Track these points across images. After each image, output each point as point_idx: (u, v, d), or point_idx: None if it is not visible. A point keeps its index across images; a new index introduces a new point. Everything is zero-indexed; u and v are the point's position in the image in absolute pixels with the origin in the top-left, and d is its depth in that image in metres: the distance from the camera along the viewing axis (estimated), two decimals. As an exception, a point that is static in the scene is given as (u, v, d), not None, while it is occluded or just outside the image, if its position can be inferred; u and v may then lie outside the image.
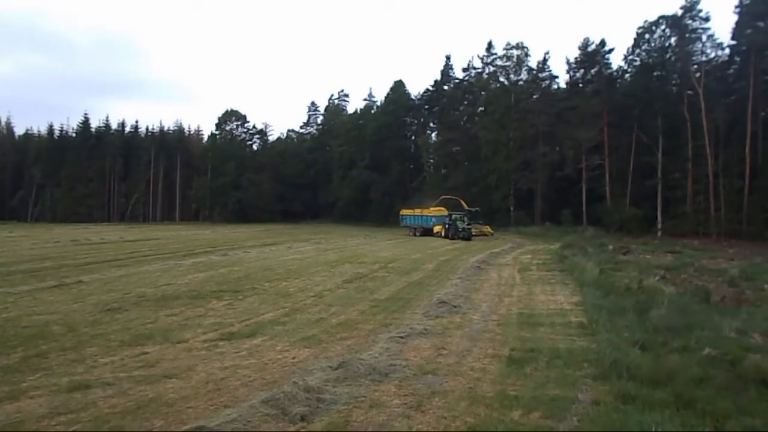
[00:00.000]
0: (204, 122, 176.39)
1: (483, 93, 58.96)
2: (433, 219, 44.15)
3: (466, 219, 41.18)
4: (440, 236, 41.47)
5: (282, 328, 10.25)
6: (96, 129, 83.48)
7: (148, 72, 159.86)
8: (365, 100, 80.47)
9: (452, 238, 39.07)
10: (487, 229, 45.65)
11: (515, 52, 56.77)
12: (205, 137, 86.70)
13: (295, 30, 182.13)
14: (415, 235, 45.45)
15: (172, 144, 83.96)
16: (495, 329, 10.33)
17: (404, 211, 50.34)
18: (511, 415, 5.94)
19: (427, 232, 44.34)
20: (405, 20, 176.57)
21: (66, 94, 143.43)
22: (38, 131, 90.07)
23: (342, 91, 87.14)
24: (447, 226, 41.14)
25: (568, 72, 57.81)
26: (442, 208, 45.11)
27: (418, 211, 47.82)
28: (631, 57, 51.06)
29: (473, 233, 42.60)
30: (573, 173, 51.54)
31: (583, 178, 50.97)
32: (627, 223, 46.28)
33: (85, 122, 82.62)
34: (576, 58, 56.03)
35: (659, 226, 46.00)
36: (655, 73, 48.89)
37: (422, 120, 70.97)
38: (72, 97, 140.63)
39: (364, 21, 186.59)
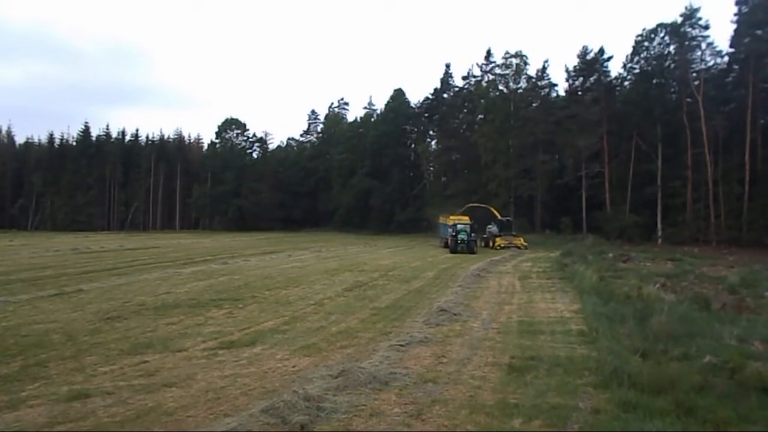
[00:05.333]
0: (204, 130, 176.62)
1: (482, 101, 59.20)
2: (450, 229, 38.31)
3: (470, 230, 36.45)
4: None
5: (282, 336, 10.23)
6: (96, 137, 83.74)
7: (149, 80, 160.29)
8: (365, 108, 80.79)
9: (452, 252, 34.69)
10: (520, 241, 40.78)
11: (514, 61, 57.08)
12: (205, 145, 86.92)
13: (295, 38, 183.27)
14: (440, 245, 40.69)
15: (172, 152, 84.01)
16: (495, 337, 10.32)
17: (441, 219, 44.28)
18: (511, 423, 5.92)
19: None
20: (405, 29, 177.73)
21: (67, 102, 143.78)
22: (38, 139, 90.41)
23: (342, 99, 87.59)
24: (450, 237, 36.38)
25: (567, 80, 58.41)
26: (465, 217, 40.02)
27: (447, 220, 41.57)
28: (630, 65, 51.42)
29: (502, 245, 39.48)
30: (573, 181, 51.67)
31: (582, 185, 51.08)
32: (627, 231, 46.28)
33: (86, 130, 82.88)
34: (575, 66, 56.52)
35: (659, 233, 46.00)
36: (654, 81, 49.12)
37: (422, 128, 71.16)
38: (72, 105, 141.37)
39: (364, 29, 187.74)
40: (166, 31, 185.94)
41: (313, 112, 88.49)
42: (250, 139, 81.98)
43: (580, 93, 55.85)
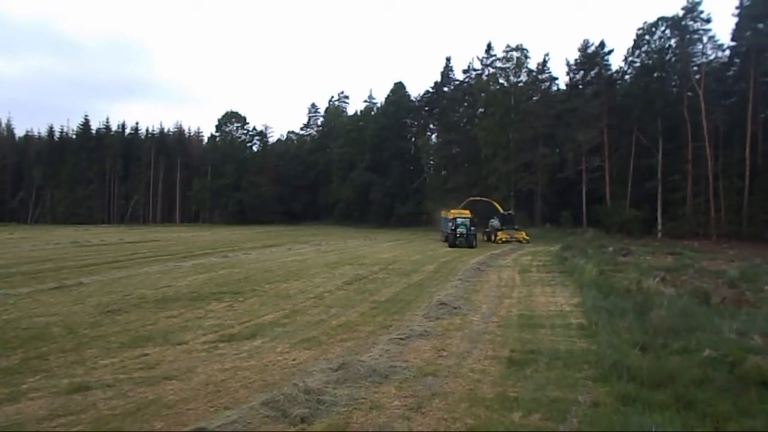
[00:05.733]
0: (204, 124, 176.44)
1: (483, 94, 58.96)
2: (450, 222, 37.17)
3: (469, 224, 35.41)
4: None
5: (282, 329, 10.24)
6: (96, 130, 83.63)
7: (150, 75, 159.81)
8: (365, 101, 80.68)
9: (451, 246, 34.01)
10: (522, 235, 40.38)
11: (515, 54, 56.85)
12: (205, 139, 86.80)
13: (295, 32, 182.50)
14: (441, 239, 39.46)
15: (172, 145, 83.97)
16: (495, 331, 10.33)
17: (443, 213, 42.51)
18: (511, 416, 5.93)
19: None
20: (405, 22, 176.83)
21: (67, 96, 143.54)
22: (38, 133, 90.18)
23: (342, 92, 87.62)
24: (450, 231, 35.57)
25: (567, 74, 58.26)
26: (465, 211, 39.20)
27: (448, 213, 39.85)
28: (631, 58, 51.23)
29: (504, 239, 39.27)
30: (573, 175, 51.60)
31: (583, 179, 51.02)
32: (627, 225, 46.27)
33: (86, 124, 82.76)
34: (576, 59, 56.34)
35: (659, 227, 46.00)
36: (655, 75, 48.93)
37: (422, 121, 70.94)
38: (72, 98, 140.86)
39: (364, 23, 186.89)
40: (166, 25, 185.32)
41: (313, 105, 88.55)
42: (250, 133, 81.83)
43: (580, 87, 55.67)
